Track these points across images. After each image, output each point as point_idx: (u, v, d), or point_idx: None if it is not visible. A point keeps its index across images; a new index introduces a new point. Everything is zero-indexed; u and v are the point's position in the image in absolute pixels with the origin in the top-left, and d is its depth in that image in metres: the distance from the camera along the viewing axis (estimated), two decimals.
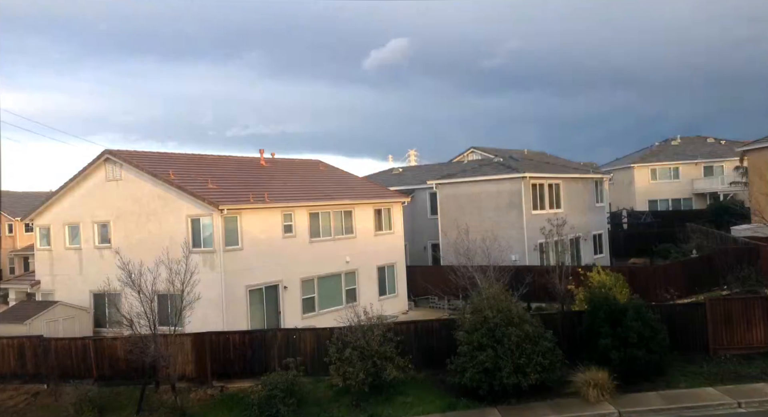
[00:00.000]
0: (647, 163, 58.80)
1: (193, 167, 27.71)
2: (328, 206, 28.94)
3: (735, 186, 50.32)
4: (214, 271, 23.70)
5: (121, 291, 21.45)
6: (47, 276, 28.70)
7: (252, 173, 29.67)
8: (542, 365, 18.08)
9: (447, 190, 36.06)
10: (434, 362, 20.10)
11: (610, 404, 17.45)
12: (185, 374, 20.82)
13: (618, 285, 22.66)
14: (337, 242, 29.22)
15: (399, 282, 32.47)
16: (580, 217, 35.83)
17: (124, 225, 26.25)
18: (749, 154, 39.66)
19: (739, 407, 16.93)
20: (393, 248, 32.50)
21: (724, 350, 20.03)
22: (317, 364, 20.45)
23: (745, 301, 20.69)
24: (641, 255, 39.49)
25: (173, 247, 22.79)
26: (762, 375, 18.61)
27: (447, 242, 33.54)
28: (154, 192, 25.53)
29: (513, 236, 32.47)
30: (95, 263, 26.96)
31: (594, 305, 19.60)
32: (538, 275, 23.60)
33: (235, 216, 24.52)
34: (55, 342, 22.49)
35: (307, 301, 27.47)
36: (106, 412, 19.66)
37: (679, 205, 56.84)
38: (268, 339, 21.15)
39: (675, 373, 19.12)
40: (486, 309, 18.69)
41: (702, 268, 28.47)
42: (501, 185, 34.03)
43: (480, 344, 18.15)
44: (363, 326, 19.57)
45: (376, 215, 31.63)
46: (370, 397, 18.71)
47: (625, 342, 18.34)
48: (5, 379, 22.64)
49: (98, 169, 27.06)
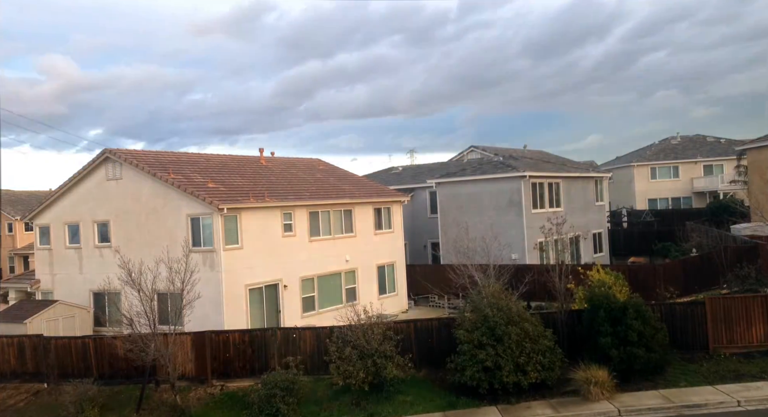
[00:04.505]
0: (647, 161, 58.78)
1: (193, 166, 27.69)
2: (327, 205, 28.95)
3: (735, 185, 50.27)
4: (213, 270, 23.71)
5: (120, 290, 21.50)
6: (47, 275, 28.71)
7: (252, 172, 29.66)
8: (542, 364, 18.12)
9: (447, 189, 36.06)
10: (434, 361, 20.13)
11: (610, 403, 17.46)
12: (185, 373, 20.84)
13: (618, 284, 22.64)
14: (337, 241, 29.23)
15: (399, 281, 32.49)
16: (579, 216, 35.80)
17: (124, 224, 26.25)
18: (749, 152, 39.70)
19: (739, 406, 16.93)
20: (393, 247, 32.51)
21: (723, 349, 20.06)
22: (317, 363, 20.47)
23: (745, 300, 20.69)
24: (641, 254, 39.54)
25: (173, 246, 22.81)
26: (762, 373, 18.62)
27: (447, 241, 33.56)
28: (154, 191, 25.54)
29: (513, 235, 32.47)
30: (95, 262, 26.98)
31: (594, 304, 19.61)
32: (537, 274, 23.58)
33: (234, 215, 24.52)
34: (55, 341, 22.48)
35: (307, 300, 27.48)
36: (106, 410, 19.66)
37: (679, 204, 56.83)
38: (268, 338, 21.16)
39: (675, 371, 19.13)
40: (486, 307, 18.71)
41: (702, 266, 28.47)
42: (501, 184, 34.02)
43: (480, 343, 18.17)
44: (363, 325, 19.58)
45: (375, 214, 31.64)
46: (370, 395, 18.72)
47: (625, 340, 18.35)
48: (5, 378, 22.65)
49: (98, 169, 27.08)
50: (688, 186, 57.30)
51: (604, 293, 20.08)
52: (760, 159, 37.37)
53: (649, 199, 57.37)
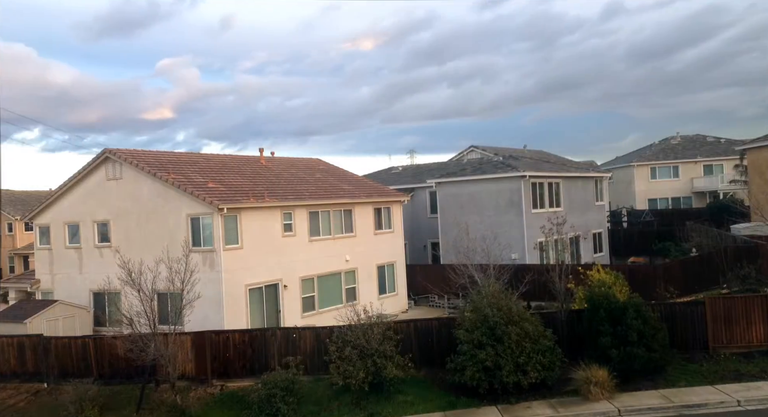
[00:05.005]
0: (647, 161, 58.79)
1: (193, 166, 27.69)
2: (327, 205, 28.94)
3: (735, 184, 50.32)
4: (213, 270, 23.71)
5: (120, 290, 21.47)
6: (47, 275, 28.71)
7: (252, 172, 29.66)
8: (542, 364, 18.10)
9: (447, 188, 36.06)
10: (434, 361, 20.13)
11: (610, 402, 17.46)
12: (185, 373, 20.83)
13: (618, 283, 22.65)
14: (337, 241, 29.23)
15: (399, 281, 32.49)
16: (579, 216, 35.81)
17: (124, 224, 26.25)
18: (749, 152, 39.71)
19: (739, 405, 16.92)
20: (393, 247, 32.51)
21: (723, 349, 20.05)
22: (317, 363, 20.47)
23: (745, 300, 20.68)
24: (641, 254, 39.50)
25: (173, 246, 22.79)
26: (762, 373, 18.61)
27: (447, 241, 33.60)
28: (154, 191, 25.54)
29: (513, 235, 32.47)
30: (95, 262, 26.98)
31: (594, 304, 19.60)
32: (537, 274, 23.56)
33: (234, 215, 24.52)
34: (55, 341, 22.48)
35: (307, 299, 27.48)
36: (106, 410, 19.64)
37: (679, 204, 56.84)
38: (268, 338, 21.16)
39: (675, 371, 19.12)
40: (486, 307, 18.70)
41: (702, 266, 28.46)
42: (501, 184, 34.02)
43: (480, 343, 18.16)
44: (363, 325, 19.58)
45: (375, 214, 31.64)
46: (370, 395, 18.71)
47: (625, 340, 18.34)
48: (5, 378, 22.65)
49: (98, 169, 27.07)
50: (688, 186, 57.31)
51: (604, 293, 20.07)
52: (760, 159, 37.39)
53: (649, 198, 57.37)
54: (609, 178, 47.92)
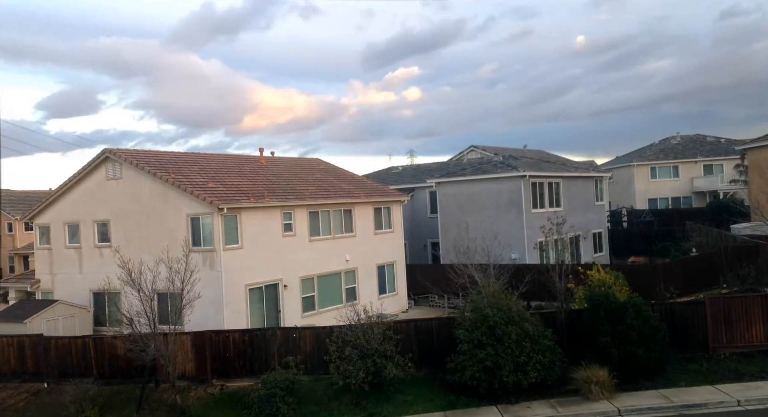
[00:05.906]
0: (647, 161, 58.77)
1: (193, 166, 27.69)
2: (327, 205, 28.94)
3: (735, 184, 50.33)
4: (213, 270, 23.71)
5: (120, 290, 21.48)
6: (47, 275, 28.71)
7: (252, 172, 29.66)
8: (542, 363, 18.10)
9: (447, 188, 36.06)
10: (434, 361, 20.11)
11: (610, 402, 17.46)
12: (185, 373, 20.84)
13: (618, 283, 22.64)
14: (337, 241, 29.23)
15: (399, 280, 32.49)
16: (579, 216, 35.80)
17: (124, 224, 26.25)
18: (749, 152, 39.71)
19: (739, 405, 16.93)
20: (393, 247, 32.50)
21: (723, 348, 20.05)
22: (317, 363, 20.46)
23: (745, 300, 20.68)
24: (641, 253, 39.49)
25: (173, 246, 22.78)
26: (762, 373, 18.61)
27: (447, 241, 33.60)
28: (154, 191, 25.53)
29: (513, 235, 32.46)
30: (95, 262, 26.98)
31: (594, 303, 19.59)
32: (537, 274, 23.52)
33: (234, 215, 24.52)
34: (55, 341, 22.48)
35: (307, 299, 27.48)
36: (106, 410, 19.64)
37: (679, 204, 56.83)
38: (268, 338, 21.16)
39: (675, 371, 19.12)
40: (486, 307, 18.71)
41: (702, 266, 28.44)
42: (501, 184, 34.02)
43: (480, 342, 18.16)
44: (363, 325, 19.57)
45: (375, 214, 31.63)
46: (370, 395, 18.71)
47: (625, 340, 18.34)
48: (5, 378, 22.65)
49: (98, 168, 27.07)
50: (688, 186, 57.30)
51: (604, 293, 20.08)
52: (760, 159, 37.37)
53: (649, 198, 57.35)
54: (609, 177, 47.93)
